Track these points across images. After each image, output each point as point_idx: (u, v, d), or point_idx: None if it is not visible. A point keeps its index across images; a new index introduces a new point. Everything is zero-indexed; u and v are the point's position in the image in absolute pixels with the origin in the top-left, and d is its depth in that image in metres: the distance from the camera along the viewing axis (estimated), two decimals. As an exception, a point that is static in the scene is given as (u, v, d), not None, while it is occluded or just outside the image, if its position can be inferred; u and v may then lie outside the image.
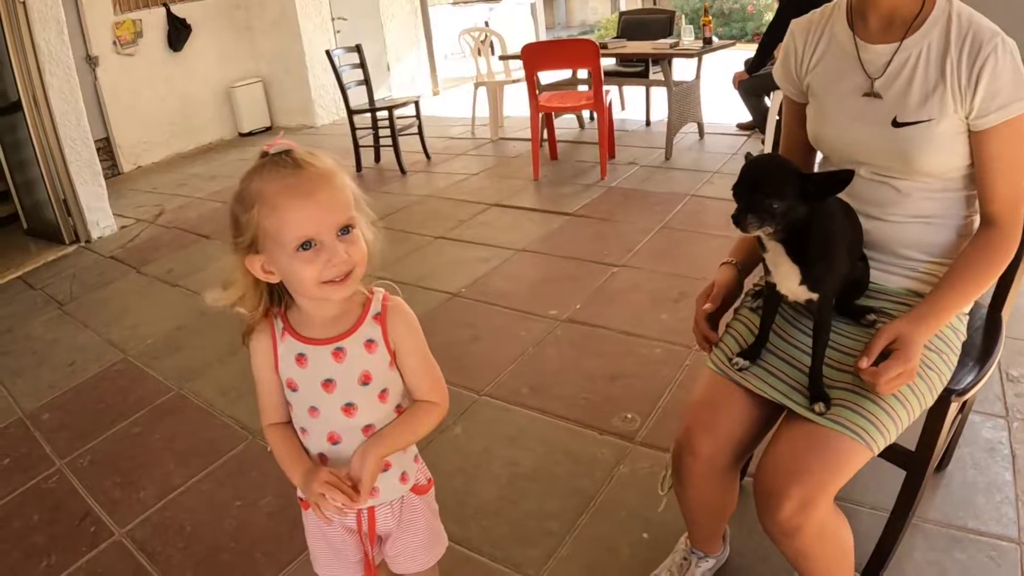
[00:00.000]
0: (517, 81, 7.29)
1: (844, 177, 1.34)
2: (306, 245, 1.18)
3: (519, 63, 5.97)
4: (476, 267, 4.17)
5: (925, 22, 1.51)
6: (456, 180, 6.13)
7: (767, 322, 1.63)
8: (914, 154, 1.52)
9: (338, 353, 1.31)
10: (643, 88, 7.39)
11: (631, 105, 8.24)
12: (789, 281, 1.47)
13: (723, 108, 7.31)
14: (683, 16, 7.78)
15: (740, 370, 1.59)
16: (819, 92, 1.69)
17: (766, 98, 6.07)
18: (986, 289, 1.53)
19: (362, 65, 6.55)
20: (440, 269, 4.22)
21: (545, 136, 6.47)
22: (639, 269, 3.98)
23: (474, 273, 4.08)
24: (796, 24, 1.75)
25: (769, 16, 13.72)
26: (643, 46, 6.44)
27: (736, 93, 6.35)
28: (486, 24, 11.00)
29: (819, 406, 1.44)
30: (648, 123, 7.51)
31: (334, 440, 1.35)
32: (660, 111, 7.03)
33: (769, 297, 1.59)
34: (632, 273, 3.94)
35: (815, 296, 1.47)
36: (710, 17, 6.22)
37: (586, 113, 7.61)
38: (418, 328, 1.40)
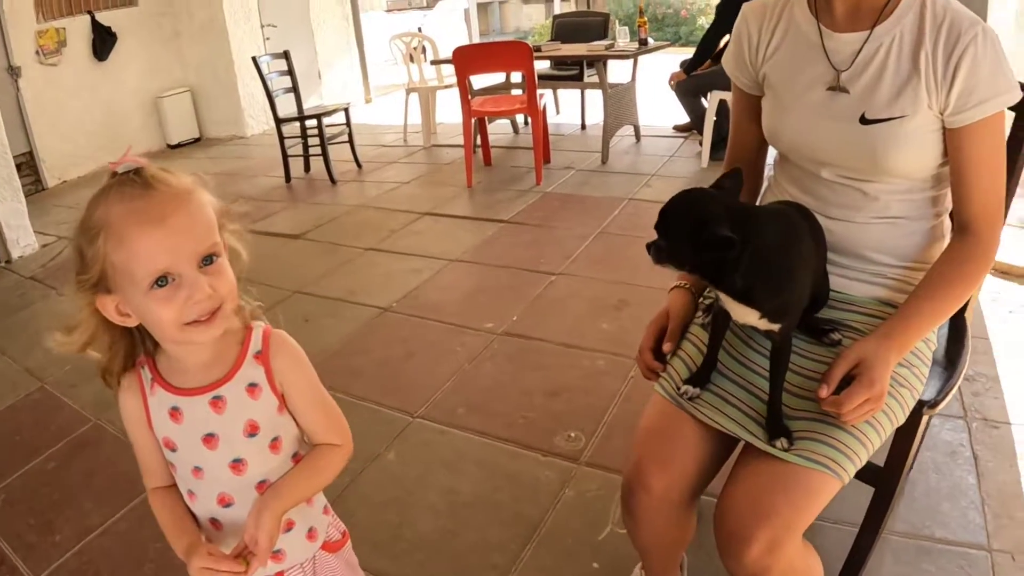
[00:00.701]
0: (450, 87, 7.12)
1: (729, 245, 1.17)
2: (161, 281, 0.99)
3: (452, 69, 5.81)
4: (408, 279, 3.98)
5: (897, 8, 1.37)
6: (388, 189, 5.95)
7: (715, 343, 1.46)
8: (884, 154, 1.38)
9: (217, 403, 1.11)
10: (578, 92, 7.35)
11: (566, 109, 8.17)
12: (746, 316, 1.31)
13: (659, 110, 7.29)
14: (617, 20, 7.74)
15: (690, 399, 1.42)
16: (777, 84, 1.53)
17: (703, 99, 6.00)
18: (960, 306, 1.40)
19: (290, 72, 6.35)
20: (371, 282, 4.02)
21: (479, 142, 6.36)
22: (578, 277, 3.85)
23: (406, 285, 3.90)
24: (749, 8, 1.59)
25: (703, 21, 13.83)
26: (578, 48, 6.36)
27: (673, 94, 6.31)
28: (419, 30, 10.83)
29: (781, 442, 1.29)
30: (584, 127, 7.46)
31: (225, 502, 1.16)
32: (595, 115, 6.99)
33: (718, 316, 1.43)
34: (570, 281, 3.80)
35: (776, 328, 1.30)
36: (645, 19, 6.18)
37: (520, 118, 7.50)
38: (307, 363, 1.20)
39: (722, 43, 6.05)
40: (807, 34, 1.48)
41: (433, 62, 7.36)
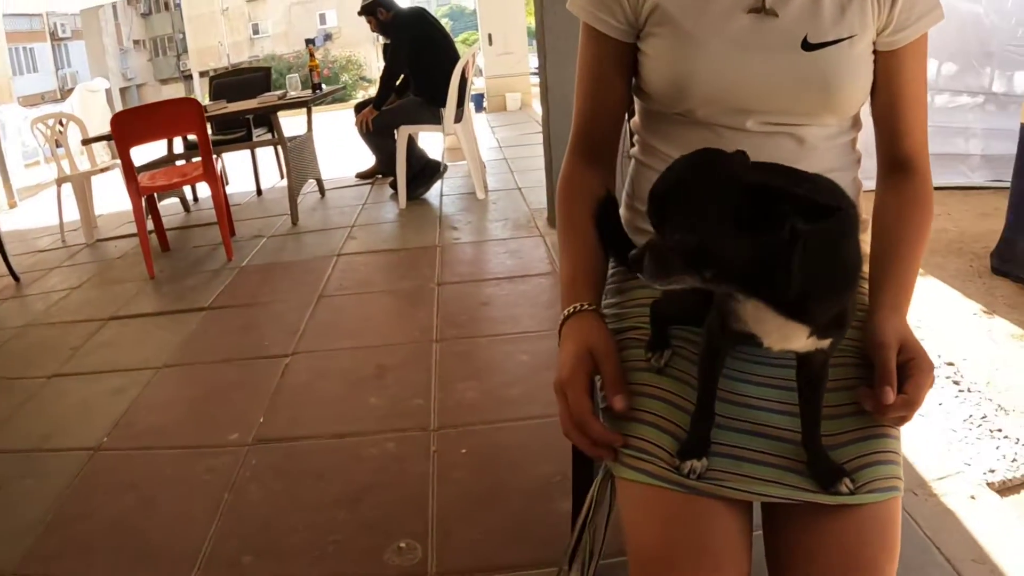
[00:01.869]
0: (105, 170, 6.28)
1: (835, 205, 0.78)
2: None
3: (105, 153, 5.02)
4: (113, 403, 3.18)
5: None
6: (56, 299, 4.96)
7: (711, 389, 1.04)
8: (839, 84, 1.14)
9: None
10: (248, 157, 6.89)
11: (235, 177, 7.59)
12: (790, 339, 0.92)
13: (336, 162, 6.96)
14: (281, 74, 7.48)
15: (699, 477, 1.01)
16: (678, 15, 1.18)
17: (393, 137, 5.76)
18: None
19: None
20: (67, 418, 3.17)
21: (151, 227, 5.58)
22: (316, 352, 3.37)
23: (113, 412, 3.09)
24: None
25: (346, 77, 13.81)
26: (249, 103, 5.88)
27: (351, 141, 6.11)
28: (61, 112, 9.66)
29: (846, 484, 0.98)
30: (259, 192, 7.03)
31: None
32: (269, 177, 6.52)
33: (716, 350, 1.03)
34: (309, 359, 3.31)
35: (825, 344, 0.93)
36: (317, 61, 5.83)
37: (189, 194, 6.80)
38: None
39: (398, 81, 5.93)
40: None
41: (84, 141, 6.44)
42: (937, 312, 3.38)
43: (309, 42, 34.26)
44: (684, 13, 1.17)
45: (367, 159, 6.72)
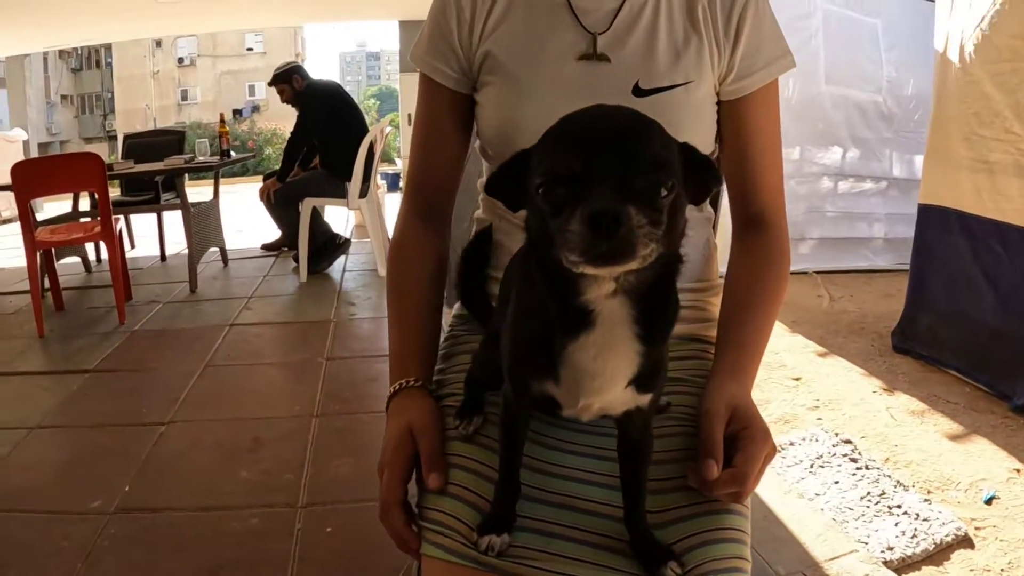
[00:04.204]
0: (8, 222, 6.12)
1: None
2: None
3: (7, 201, 4.90)
4: (-24, 463, 3.12)
5: None
6: (-67, 354, 4.84)
7: (515, 457, 0.97)
8: (673, 132, 1.02)
9: None
10: (154, 222, 6.82)
11: (141, 242, 7.49)
12: (612, 384, 0.83)
13: (244, 232, 6.90)
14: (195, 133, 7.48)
15: (499, 554, 0.93)
16: (508, 62, 1.17)
17: (297, 209, 5.76)
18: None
19: None
20: (-78, 479, 3.09)
21: (47, 284, 5.44)
22: (193, 422, 3.32)
23: (-26, 472, 3.03)
24: None
25: (270, 151, 13.81)
26: (155, 165, 5.84)
27: (260, 212, 6.10)
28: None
29: (673, 568, 0.90)
30: (164, 258, 6.94)
31: None
32: (175, 244, 6.47)
33: (513, 418, 0.95)
34: (185, 429, 3.26)
35: (645, 400, 0.87)
36: (227, 127, 5.84)
37: (92, 255, 6.67)
38: None
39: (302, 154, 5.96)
40: None
41: (-16, 190, 6.32)
42: (837, 391, 3.51)
43: (236, 112, 33.98)
44: (514, 60, 1.16)
45: (275, 231, 6.71)
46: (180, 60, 43.00)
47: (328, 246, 6.10)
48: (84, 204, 6.49)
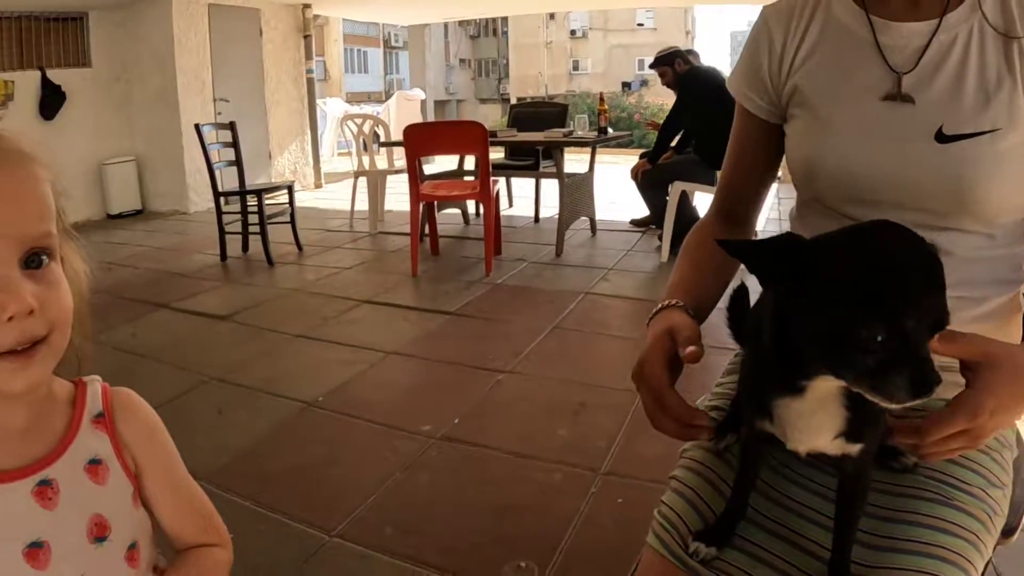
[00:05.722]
0: (400, 172, 6.81)
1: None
2: None
3: (403, 153, 5.47)
4: (338, 371, 3.53)
5: None
6: (327, 274, 5.53)
7: (747, 484, 1.00)
8: (974, 183, 0.99)
9: (44, 491, 0.69)
10: (532, 184, 7.15)
11: (519, 202, 7.96)
12: (817, 436, 0.86)
13: (616, 205, 7.08)
14: (575, 108, 7.73)
15: (703, 561, 0.96)
16: (813, 98, 1.13)
17: (666, 191, 5.77)
18: None
19: (235, 144, 5.91)
20: (295, 372, 3.56)
21: (427, 230, 6.03)
22: (529, 376, 3.45)
23: (335, 378, 3.43)
24: (771, 9, 1.20)
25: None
26: (535, 135, 6.14)
27: (633, 189, 6.14)
28: (376, 114, 10.59)
29: None
30: (537, 220, 7.26)
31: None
32: (550, 208, 6.79)
33: (753, 445, 0.98)
34: (521, 380, 3.40)
35: (855, 449, 0.86)
36: (606, 106, 5.99)
37: (472, 209, 7.25)
38: (166, 434, 0.81)
39: (676, 139, 5.94)
40: (852, 29, 1.11)
41: (382, 144, 7.07)
42: None
43: (625, 85, 34.68)
44: (819, 96, 1.13)
45: (645, 207, 6.76)
46: (572, 32, 44.44)
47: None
48: (469, 163, 7.00)
